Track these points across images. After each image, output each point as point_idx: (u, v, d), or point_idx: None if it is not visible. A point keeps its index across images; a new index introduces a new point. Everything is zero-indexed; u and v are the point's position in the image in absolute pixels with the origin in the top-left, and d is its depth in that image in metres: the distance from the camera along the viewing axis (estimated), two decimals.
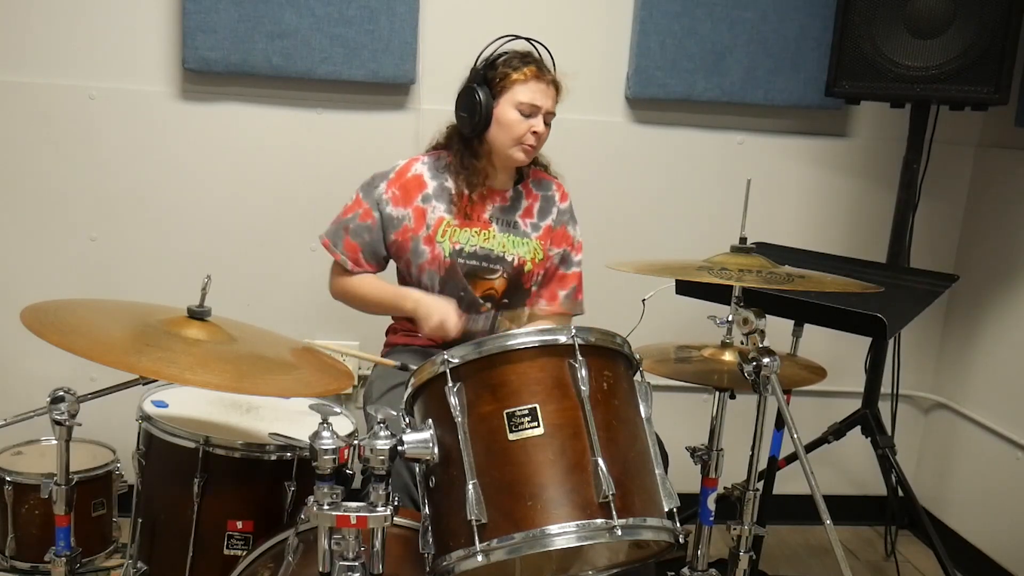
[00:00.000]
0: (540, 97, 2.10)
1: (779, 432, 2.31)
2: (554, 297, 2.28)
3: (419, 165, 2.20)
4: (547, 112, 2.12)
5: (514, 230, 2.21)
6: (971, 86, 2.34)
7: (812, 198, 2.95)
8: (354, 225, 2.16)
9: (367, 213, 2.16)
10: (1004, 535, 2.76)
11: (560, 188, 2.30)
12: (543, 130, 2.12)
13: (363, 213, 2.16)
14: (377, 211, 2.16)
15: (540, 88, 2.11)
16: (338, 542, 1.35)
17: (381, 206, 2.16)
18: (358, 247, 2.17)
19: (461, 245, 2.16)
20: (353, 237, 2.16)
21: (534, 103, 2.09)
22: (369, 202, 2.17)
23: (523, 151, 2.12)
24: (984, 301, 2.89)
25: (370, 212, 2.16)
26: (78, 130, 2.58)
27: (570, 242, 2.28)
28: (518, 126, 2.10)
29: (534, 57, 2.14)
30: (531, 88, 2.10)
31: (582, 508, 1.34)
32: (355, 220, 2.17)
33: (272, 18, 2.53)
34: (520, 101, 2.09)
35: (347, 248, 2.17)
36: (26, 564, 2.20)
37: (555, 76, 2.15)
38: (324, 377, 1.70)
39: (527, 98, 2.09)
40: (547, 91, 2.12)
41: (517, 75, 2.10)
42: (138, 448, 1.83)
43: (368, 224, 2.16)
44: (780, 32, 2.77)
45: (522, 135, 2.10)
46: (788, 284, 1.71)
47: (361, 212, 2.17)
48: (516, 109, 2.10)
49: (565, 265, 2.28)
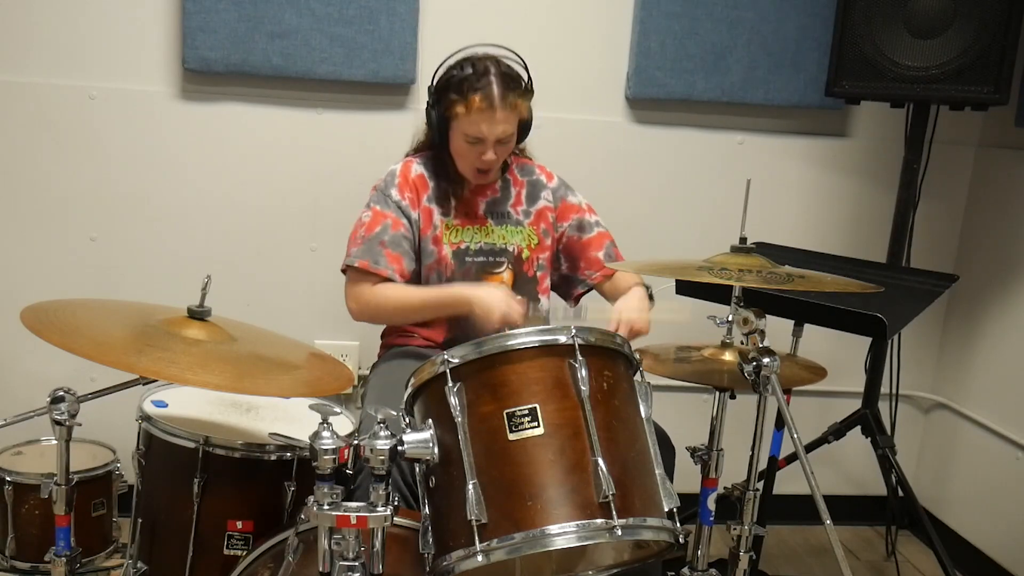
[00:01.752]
0: (485, 128, 2.03)
1: (779, 432, 2.31)
2: (597, 262, 2.26)
3: (417, 166, 2.19)
4: (498, 139, 2.06)
5: (508, 220, 2.23)
6: (971, 86, 2.34)
7: (812, 198, 2.95)
8: (389, 237, 2.11)
9: (396, 222, 2.12)
10: (1004, 535, 2.76)
11: (543, 170, 2.31)
12: (492, 157, 2.07)
13: (392, 223, 2.12)
14: (404, 216, 2.13)
15: (485, 119, 2.03)
16: (338, 542, 1.35)
17: (405, 211, 2.13)
18: (401, 257, 2.12)
19: (466, 244, 2.17)
20: (394, 249, 2.11)
21: (478, 136, 2.05)
22: (392, 211, 2.13)
23: (477, 176, 2.13)
24: (984, 301, 2.89)
25: (399, 220, 2.12)
26: (78, 130, 2.58)
27: (576, 209, 2.29)
28: (468, 154, 2.09)
29: (488, 79, 2.04)
30: (474, 120, 2.03)
31: (582, 508, 1.34)
32: (388, 232, 2.11)
33: (272, 18, 2.53)
34: (465, 132, 2.06)
35: (392, 261, 2.10)
36: (26, 564, 2.19)
37: (511, 98, 2.04)
38: (324, 377, 1.71)
39: (471, 131, 2.05)
40: (493, 119, 2.03)
41: (460, 107, 2.04)
42: (138, 448, 1.83)
43: (403, 232, 2.12)
44: (780, 32, 2.77)
45: (472, 163, 2.10)
46: (788, 284, 1.71)
47: (390, 222, 2.12)
48: (463, 140, 2.07)
49: (585, 231, 2.28)
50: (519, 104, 2.08)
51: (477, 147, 2.07)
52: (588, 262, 2.28)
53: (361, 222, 2.15)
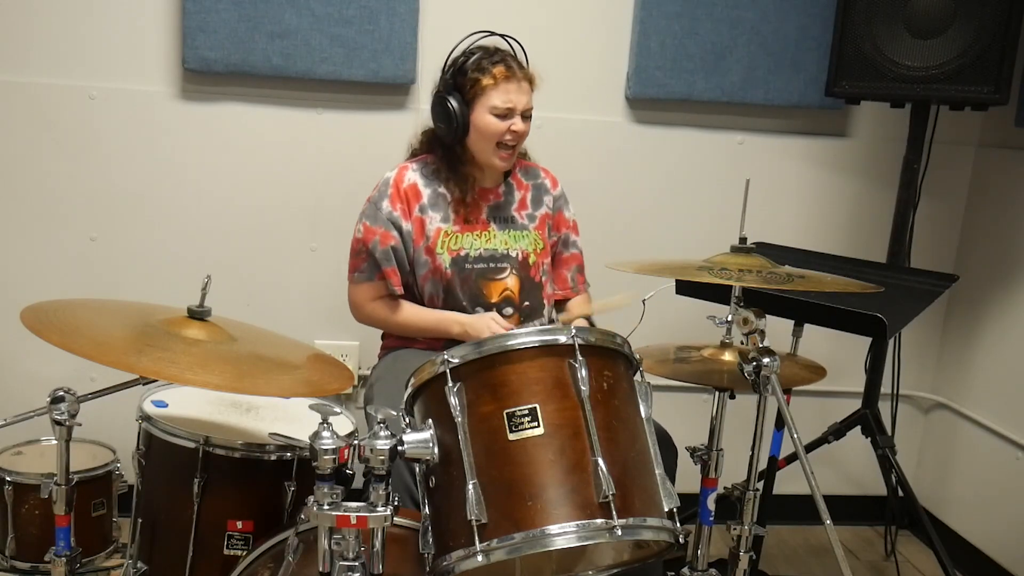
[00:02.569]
0: (514, 97, 2.07)
1: (779, 432, 2.31)
2: (563, 280, 2.32)
3: (411, 173, 2.18)
4: (524, 109, 2.10)
5: (512, 225, 2.22)
6: (971, 86, 2.34)
7: (812, 198, 2.95)
8: (379, 253, 2.13)
9: (386, 236, 2.13)
10: (1004, 535, 2.76)
11: (548, 174, 2.32)
12: (522, 127, 2.09)
13: (381, 238, 2.13)
14: (395, 230, 2.14)
15: (512, 88, 2.07)
16: (338, 542, 1.35)
17: (396, 223, 2.14)
18: (396, 270, 2.14)
19: (466, 251, 2.16)
20: (386, 264, 2.13)
21: (508, 105, 2.06)
22: (381, 225, 2.13)
23: (502, 156, 2.11)
24: (984, 301, 2.89)
25: (388, 234, 2.13)
26: (78, 130, 2.58)
27: (568, 224, 2.33)
28: (496, 129, 2.08)
29: (502, 54, 2.10)
30: (503, 90, 2.06)
31: (582, 508, 1.34)
32: (377, 248, 2.13)
33: (272, 18, 2.53)
34: (494, 105, 2.06)
35: (391, 275, 2.14)
36: (26, 564, 2.19)
37: (528, 71, 2.12)
38: (324, 377, 1.71)
39: (501, 101, 2.06)
40: (520, 88, 2.08)
41: (487, 79, 2.06)
42: (138, 448, 1.83)
43: (393, 245, 2.13)
44: (780, 32, 2.77)
45: (500, 136, 2.08)
46: (788, 284, 1.71)
47: (379, 238, 2.13)
48: (492, 114, 2.07)
49: (567, 247, 2.33)
50: (533, 79, 2.13)
51: (506, 120, 2.07)
52: (557, 278, 2.33)
53: (355, 239, 2.19)
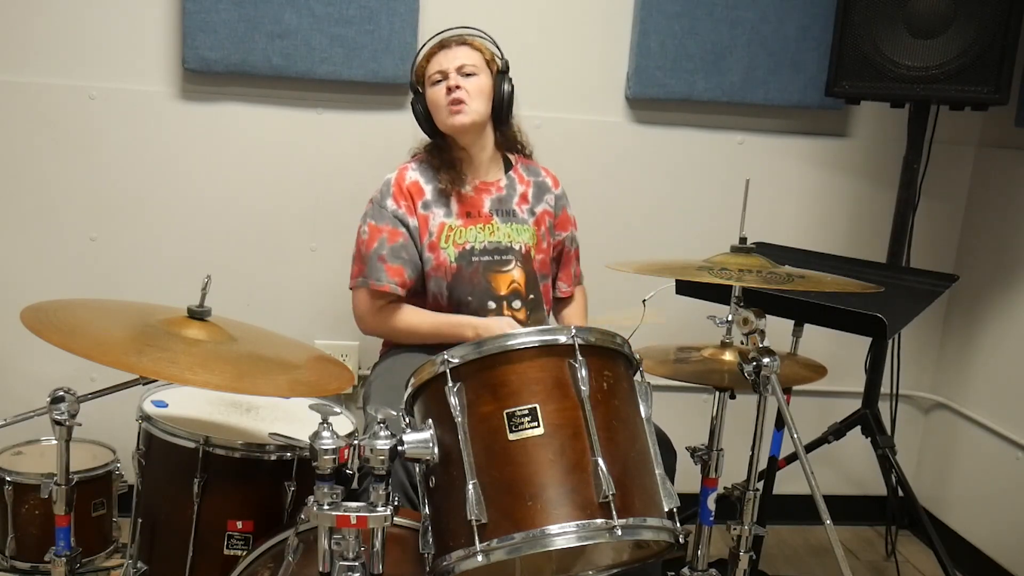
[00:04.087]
0: (443, 61, 2.15)
1: (779, 432, 2.31)
2: (570, 277, 2.40)
3: (411, 172, 2.20)
4: (458, 67, 2.14)
5: (514, 218, 2.24)
6: (971, 86, 2.34)
7: (812, 198, 2.95)
8: (388, 250, 2.13)
9: (394, 233, 2.14)
10: (1004, 535, 2.76)
11: (549, 173, 2.35)
12: (457, 82, 2.13)
13: (389, 235, 2.13)
14: (403, 226, 2.14)
15: (442, 55, 2.17)
16: (338, 542, 1.35)
17: (403, 219, 2.15)
18: (402, 268, 2.14)
19: (471, 244, 2.17)
20: (393, 261, 2.13)
21: (439, 69, 2.15)
22: (387, 223, 2.14)
23: (451, 113, 2.14)
24: (984, 301, 2.89)
25: (396, 231, 2.14)
26: (78, 130, 2.58)
27: (572, 223, 2.39)
28: (438, 96, 2.15)
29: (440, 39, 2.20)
30: (434, 60, 2.17)
31: (582, 508, 1.34)
32: (385, 246, 2.13)
33: (272, 18, 2.53)
34: (429, 76, 2.17)
35: (392, 275, 2.13)
36: (26, 564, 2.19)
37: (462, 37, 2.19)
38: (324, 377, 1.71)
39: (433, 69, 2.16)
40: (449, 52, 2.17)
41: (423, 61, 2.20)
42: (138, 448, 1.83)
43: (401, 242, 2.14)
44: (780, 32, 2.77)
45: (443, 100, 2.14)
46: (788, 284, 1.71)
47: (386, 235, 2.13)
48: (431, 85, 2.16)
49: (572, 245, 2.39)
50: (474, 42, 2.20)
51: (442, 83, 2.14)
52: (565, 276, 2.39)
53: (360, 240, 2.18)
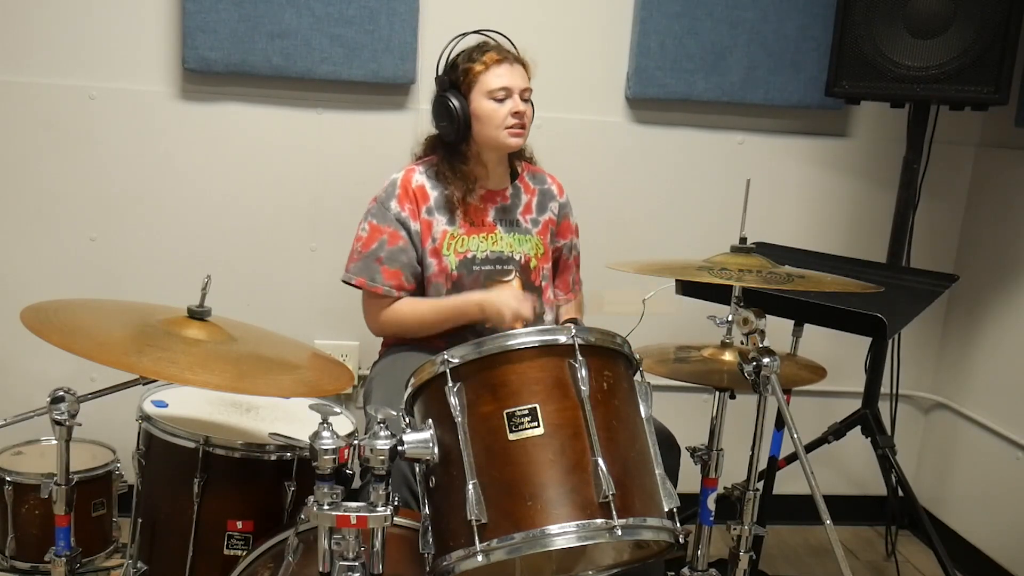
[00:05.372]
0: (508, 78, 2.09)
1: (779, 432, 2.31)
2: (567, 285, 2.37)
3: (418, 175, 2.18)
4: (522, 90, 2.11)
5: (517, 228, 2.22)
6: (971, 86, 2.34)
7: (812, 198, 2.95)
8: (386, 253, 2.11)
9: (395, 236, 2.12)
10: (1004, 535, 2.76)
11: (554, 180, 2.33)
12: (523, 108, 2.10)
13: (390, 237, 2.12)
14: (404, 230, 2.13)
15: (505, 69, 2.10)
16: (338, 542, 1.35)
17: (405, 224, 2.13)
18: (399, 272, 2.12)
19: (472, 253, 2.16)
20: (391, 264, 2.11)
21: (504, 86, 2.08)
22: (389, 225, 2.13)
23: (511, 135, 2.10)
24: (984, 301, 2.89)
25: (397, 234, 2.12)
26: (78, 130, 2.58)
27: (574, 231, 2.36)
28: (497, 113, 2.09)
29: (491, 44, 2.14)
30: (496, 72, 2.09)
31: (582, 508, 1.34)
32: (384, 248, 2.12)
33: (272, 18, 2.53)
34: (490, 89, 2.08)
35: (388, 278, 2.11)
36: (26, 564, 2.20)
37: (517, 54, 2.15)
38: (324, 377, 1.71)
39: (496, 83, 2.08)
40: (513, 70, 2.11)
41: (478, 66, 2.09)
42: (138, 448, 1.83)
43: (401, 246, 2.12)
44: (780, 32, 2.77)
45: (503, 120, 2.09)
46: (788, 284, 1.71)
47: (387, 238, 2.12)
48: (489, 98, 2.09)
49: (570, 253, 2.37)
50: (527, 64, 2.15)
51: (507, 103, 2.08)
52: (561, 283, 2.37)
53: (359, 236, 2.16)
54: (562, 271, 2.37)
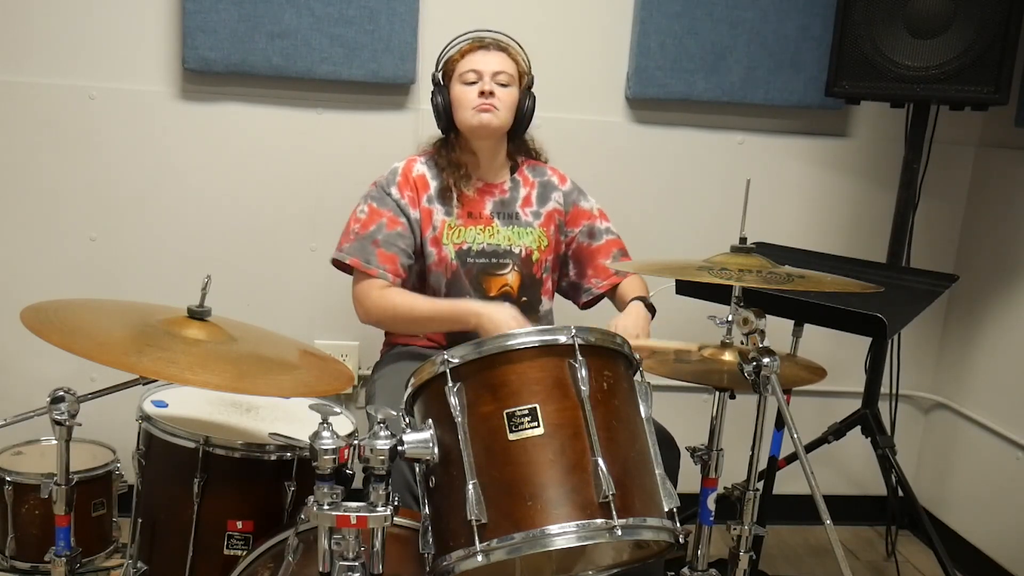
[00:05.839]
0: (479, 62, 2.13)
1: (779, 432, 2.31)
2: (604, 271, 2.28)
3: (419, 165, 2.20)
4: (494, 73, 2.12)
5: (516, 221, 2.22)
6: (971, 86, 2.34)
7: (812, 198, 2.95)
8: (383, 236, 2.11)
9: (393, 220, 2.12)
10: (1004, 535, 2.76)
11: (555, 172, 2.32)
12: (491, 87, 2.11)
13: (388, 221, 2.12)
14: (403, 216, 2.13)
15: (480, 55, 2.14)
16: (338, 542, 1.35)
17: (405, 210, 2.14)
18: (395, 256, 2.11)
19: (468, 244, 2.16)
20: (387, 248, 2.11)
21: (473, 68, 2.12)
22: (389, 209, 2.13)
23: (478, 111, 2.11)
24: (984, 301, 2.89)
25: (396, 219, 2.13)
26: (78, 130, 2.58)
27: (588, 215, 2.30)
28: (466, 95, 2.12)
29: (475, 36, 2.18)
30: (469, 59, 2.14)
31: (582, 508, 1.34)
32: (383, 231, 2.11)
33: (272, 18, 2.53)
34: (461, 74, 2.13)
35: (383, 261, 2.10)
36: (26, 564, 2.19)
37: (500, 43, 2.17)
38: (324, 377, 1.71)
39: (466, 67, 2.13)
40: (488, 55, 2.14)
41: (456, 55, 2.16)
42: (138, 448, 1.83)
43: (399, 231, 2.12)
44: (780, 32, 2.77)
45: (471, 101, 2.11)
46: (788, 284, 1.71)
47: (386, 221, 2.12)
48: (460, 82, 2.13)
49: (595, 238, 2.29)
50: (511, 50, 2.17)
51: (475, 85, 2.12)
52: (596, 270, 2.29)
53: (356, 218, 2.15)
54: (591, 257, 2.28)
